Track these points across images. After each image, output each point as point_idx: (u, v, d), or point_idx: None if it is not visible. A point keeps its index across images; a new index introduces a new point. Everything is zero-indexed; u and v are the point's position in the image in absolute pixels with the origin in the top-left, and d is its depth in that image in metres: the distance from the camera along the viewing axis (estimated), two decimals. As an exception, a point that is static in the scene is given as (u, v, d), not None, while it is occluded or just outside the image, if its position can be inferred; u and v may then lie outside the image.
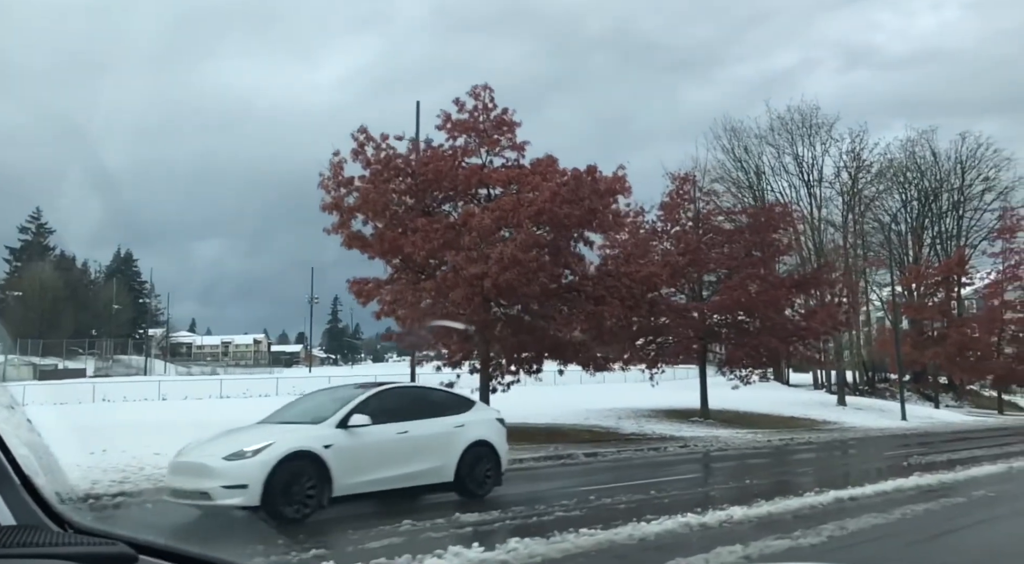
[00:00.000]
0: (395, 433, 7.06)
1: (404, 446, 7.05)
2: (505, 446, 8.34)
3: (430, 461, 7.21)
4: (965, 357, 33.41)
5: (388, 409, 7.27)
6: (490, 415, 8.47)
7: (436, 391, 8.90)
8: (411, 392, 8.60)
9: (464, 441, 7.53)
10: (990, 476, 10.16)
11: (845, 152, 38.94)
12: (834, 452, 15.39)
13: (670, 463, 12.56)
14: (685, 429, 18.98)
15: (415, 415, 7.42)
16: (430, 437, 7.35)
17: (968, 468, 10.81)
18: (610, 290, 15.56)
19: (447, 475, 7.37)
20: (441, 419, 7.63)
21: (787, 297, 20.39)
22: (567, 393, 29.33)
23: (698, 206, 22.34)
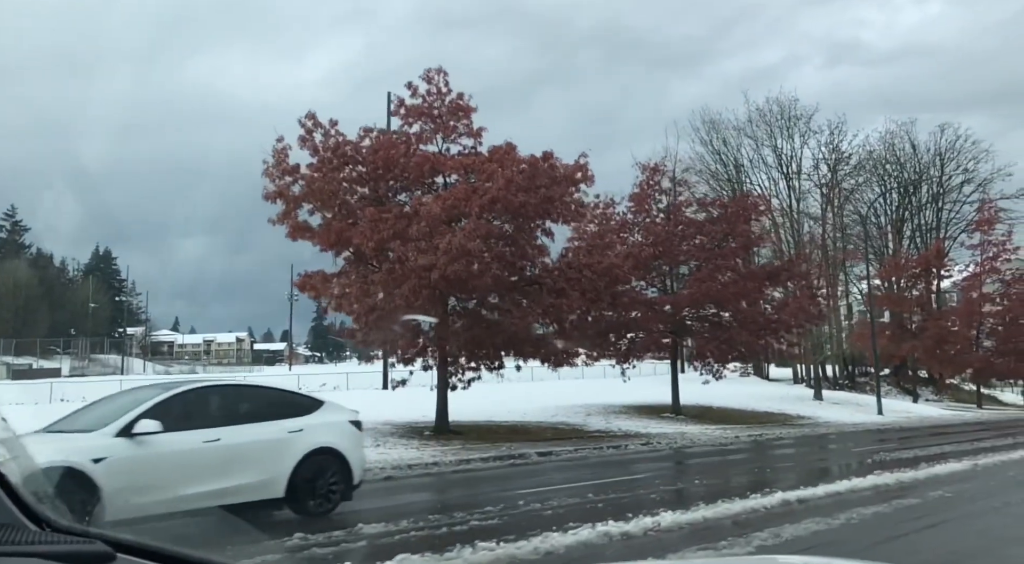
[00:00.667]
0: (201, 442, 5.91)
1: (213, 457, 5.91)
2: (360, 453, 7.30)
3: (251, 474, 6.08)
4: (943, 350, 33.21)
5: (196, 413, 6.24)
6: (341, 417, 7.25)
7: (272, 391, 7.73)
8: (233, 392, 7.24)
9: (301, 449, 6.45)
10: (953, 474, 9.70)
11: (824, 144, 38.65)
12: (800, 449, 14.93)
13: (625, 462, 12.02)
14: (653, 426, 18.47)
15: (234, 420, 6.35)
16: (251, 445, 6.21)
17: (932, 466, 10.36)
18: (571, 283, 14.98)
19: (276, 490, 6.23)
20: (270, 424, 6.49)
21: (758, 289, 19.92)
22: (540, 390, 28.81)
23: (671, 197, 21.81)
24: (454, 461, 11.23)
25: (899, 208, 43.88)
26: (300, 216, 14.12)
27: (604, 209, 22.02)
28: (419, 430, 15.39)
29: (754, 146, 38.48)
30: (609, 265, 14.98)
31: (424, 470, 10.37)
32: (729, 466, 11.67)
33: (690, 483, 9.16)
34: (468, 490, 9.06)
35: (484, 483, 9.58)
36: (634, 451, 13.70)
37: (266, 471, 6.18)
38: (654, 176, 21.67)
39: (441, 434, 14.96)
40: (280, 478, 6.25)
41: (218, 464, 5.90)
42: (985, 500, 7.73)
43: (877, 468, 10.26)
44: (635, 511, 6.47)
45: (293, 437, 6.51)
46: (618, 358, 21.27)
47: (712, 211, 21.23)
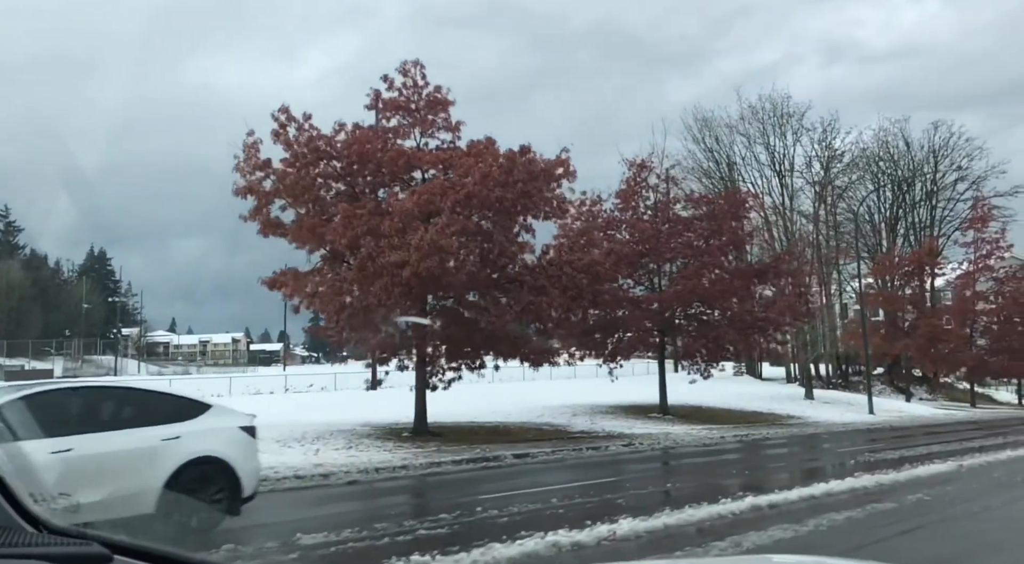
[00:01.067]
0: (48, 453, 5.10)
1: (61, 470, 5.16)
2: (253, 463, 6.57)
3: (110, 488, 5.38)
4: (936, 349, 32.93)
5: (46, 420, 5.48)
6: (230, 423, 6.53)
7: (149, 393, 7.02)
8: (96, 396, 6.45)
9: (177, 459, 5.79)
10: (935, 476, 9.39)
11: (816, 141, 38.39)
12: (785, 450, 14.62)
13: (602, 464, 11.69)
14: (638, 426, 18.15)
15: (94, 426, 5.70)
16: (112, 455, 5.53)
17: (916, 467, 10.06)
18: (552, 280, 14.65)
19: (144, 505, 5.55)
20: (139, 431, 5.81)
21: (746, 287, 19.60)
22: (529, 390, 28.52)
23: (658, 193, 21.49)
24: (425, 464, 10.90)
25: (893, 206, 43.65)
26: (273, 212, 13.76)
27: (591, 206, 21.75)
28: (398, 431, 15.06)
29: (746, 144, 38.26)
30: (590, 262, 14.65)
31: (391, 474, 10.04)
32: (707, 468, 11.35)
33: (662, 487, 8.84)
34: (429, 495, 8.73)
35: (449, 487, 9.25)
36: (614, 453, 13.37)
37: (131, 484, 5.52)
38: (641, 173, 21.35)
39: (419, 436, 14.63)
40: (149, 492, 5.60)
41: (68, 478, 5.15)
42: (965, 504, 7.42)
43: (858, 470, 9.96)
44: (595, 518, 6.15)
45: (167, 445, 5.87)
46: (605, 357, 20.95)
47: (700, 208, 20.90)
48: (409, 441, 13.90)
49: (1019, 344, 34.79)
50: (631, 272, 20.48)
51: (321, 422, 16.79)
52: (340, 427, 15.90)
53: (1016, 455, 11.82)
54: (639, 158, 21.38)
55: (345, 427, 15.97)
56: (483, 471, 10.78)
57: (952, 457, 11.45)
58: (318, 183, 14.05)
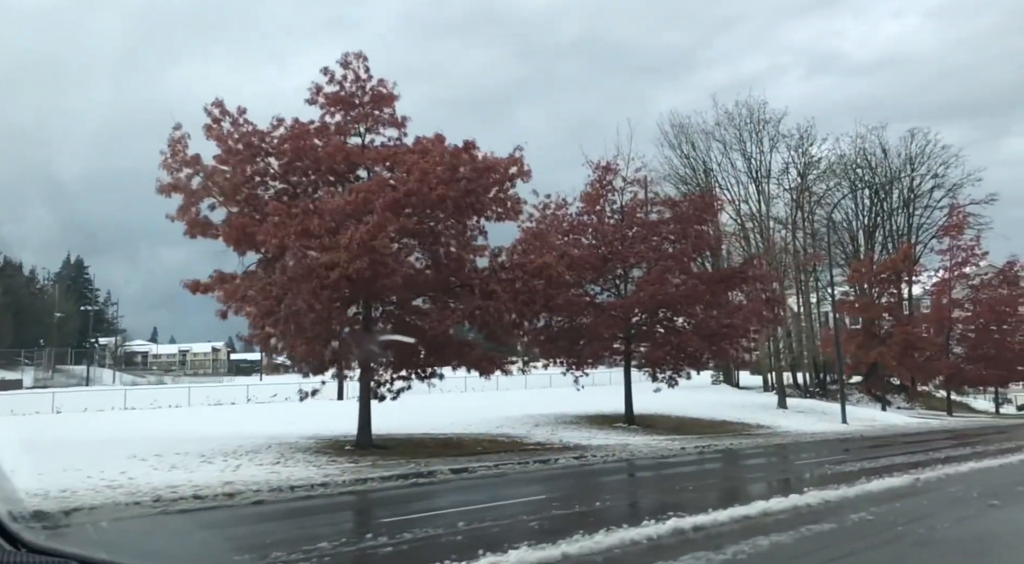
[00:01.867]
0: None
1: None
2: None
3: None
4: (912, 357, 32.58)
5: None
6: None
7: None
8: None
9: None
10: (889, 491, 8.77)
11: (793, 148, 38.19)
12: (741, 462, 13.97)
13: (540, 480, 10.95)
14: (599, 437, 17.44)
15: None
16: None
17: (870, 481, 9.44)
18: (503, 284, 13.96)
19: None
20: None
21: (712, 293, 19.03)
22: (498, 399, 27.79)
23: (624, 196, 20.94)
24: (348, 481, 10.10)
25: (871, 213, 43.54)
26: (203, 212, 12.98)
27: (556, 210, 21.16)
28: (341, 445, 14.26)
29: (722, 150, 37.94)
30: (542, 265, 13.97)
31: (306, 493, 9.23)
32: (651, 483, 10.65)
33: (590, 505, 8.12)
34: (328, 518, 7.94)
35: (357, 509, 8.46)
36: (561, 466, 12.64)
37: None
38: (606, 175, 20.80)
39: (362, 449, 13.84)
40: None
41: None
42: (910, 524, 6.77)
43: (810, 484, 9.32)
44: (492, 546, 5.43)
45: None
46: (569, 366, 20.26)
47: (664, 211, 20.36)
48: (347, 455, 13.10)
49: (995, 352, 34.63)
50: (595, 277, 19.87)
51: (266, 434, 15.96)
52: (283, 440, 15.08)
53: (978, 467, 11.26)
54: (604, 160, 20.81)
55: (288, 440, 15.15)
56: (410, 488, 10.00)
57: (912, 469, 10.87)
58: (254, 181, 13.30)
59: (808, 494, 8.11)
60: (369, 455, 13.13)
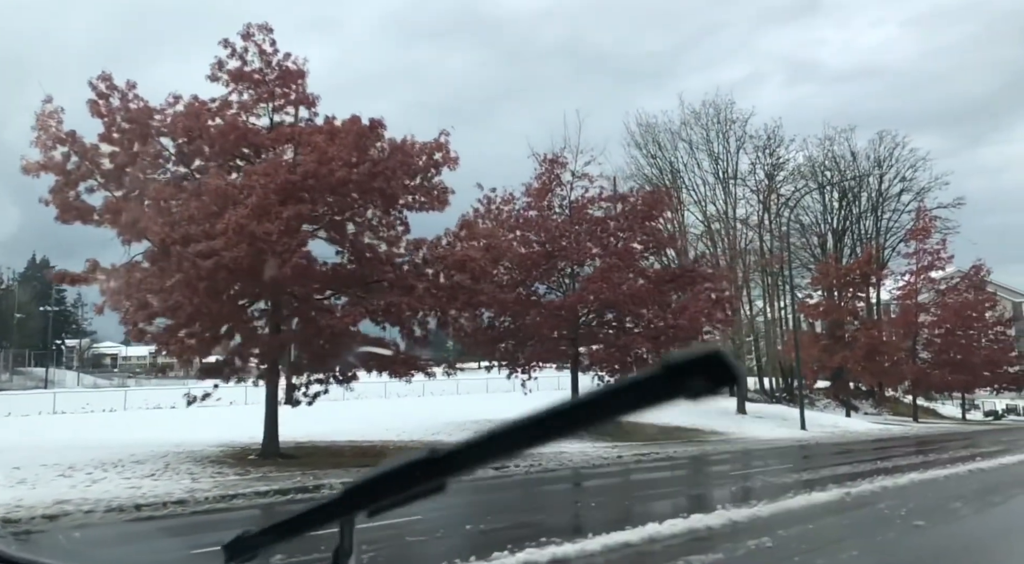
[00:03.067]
0: None
1: None
2: None
3: None
4: (876, 361, 32.00)
5: None
6: None
7: None
8: None
9: None
10: (809, 509, 7.79)
11: (761, 149, 37.65)
12: (670, 472, 12.97)
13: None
14: (538, 444, 16.38)
15: None
16: None
17: (796, 495, 8.47)
18: (422, 279, 12.85)
19: None
20: None
21: (658, 292, 18.09)
22: (449, 404, 26.65)
23: (572, 191, 19.96)
24: (214, 497, 8.90)
25: (839, 216, 43.17)
26: (82, 195, 11.69)
27: (501, 204, 20.13)
28: (247, 453, 13.05)
29: (689, 150, 37.23)
30: (464, 258, 12.87)
31: (151, 513, 8.02)
32: (553, 498, 9.57)
33: (459, 529, 7.02)
34: (133, 546, 6.73)
35: (181, 532, 7.22)
36: (474, 477, 11.51)
37: None
38: (553, 169, 19.80)
39: (266, 458, 12.64)
40: None
41: None
42: (809, 553, 5.77)
43: (726, 500, 8.31)
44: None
45: None
46: (512, 368, 19.19)
47: (613, 207, 19.41)
48: (244, 465, 11.88)
49: (961, 357, 34.24)
50: (540, 275, 18.84)
51: (175, 441, 14.73)
52: (189, 448, 13.84)
53: (920, 479, 10.36)
54: (550, 153, 19.81)
55: (194, 448, 13.91)
56: (283, 505, 8.82)
57: (851, 481, 9.95)
58: (144, 163, 12.05)
59: (715, 514, 7.09)
60: (267, 466, 11.92)
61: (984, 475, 11.38)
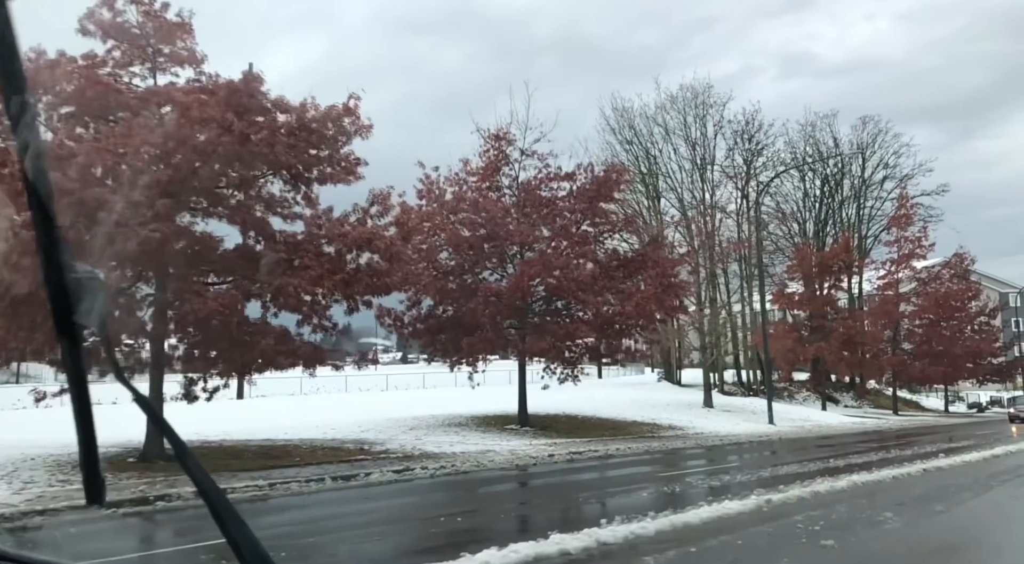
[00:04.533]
0: None
1: None
2: None
3: None
4: (853, 352, 30.80)
5: None
6: None
7: None
8: None
9: None
10: (711, 523, 6.51)
11: (739, 134, 36.29)
12: (599, 473, 11.70)
13: (301, 505, 8.48)
14: (473, 441, 15.09)
15: None
16: None
17: (708, 505, 7.19)
18: (322, 259, 11.48)
19: None
20: None
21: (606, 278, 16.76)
22: (396, 400, 25.35)
23: (519, 170, 18.58)
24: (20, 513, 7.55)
25: (821, 204, 41.88)
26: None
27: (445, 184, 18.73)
28: (122, 458, 11.70)
29: (664, 135, 35.80)
30: (370, 235, 11.49)
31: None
32: (431, 509, 8.23)
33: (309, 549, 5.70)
34: None
35: None
36: (366, 483, 10.19)
37: None
38: (499, 145, 18.40)
39: (147, 462, 11.28)
40: None
41: None
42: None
43: (625, 512, 7.00)
44: None
45: None
46: (452, 361, 17.88)
47: (562, 186, 18.04)
48: (113, 470, 10.54)
49: (943, 348, 33.11)
50: (482, 260, 17.47)
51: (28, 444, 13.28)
52: (48, 452, 12.44)
53: (864, 481, 9.10)
54: (496, 129, 18.40)
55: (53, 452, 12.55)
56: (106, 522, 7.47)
57: (784, 485, 8.69)
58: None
59: (583, 534, 5.78)
60: (137, 470, 10.59)
61: (939, 475, 10.15)
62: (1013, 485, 9.36)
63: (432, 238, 17.78)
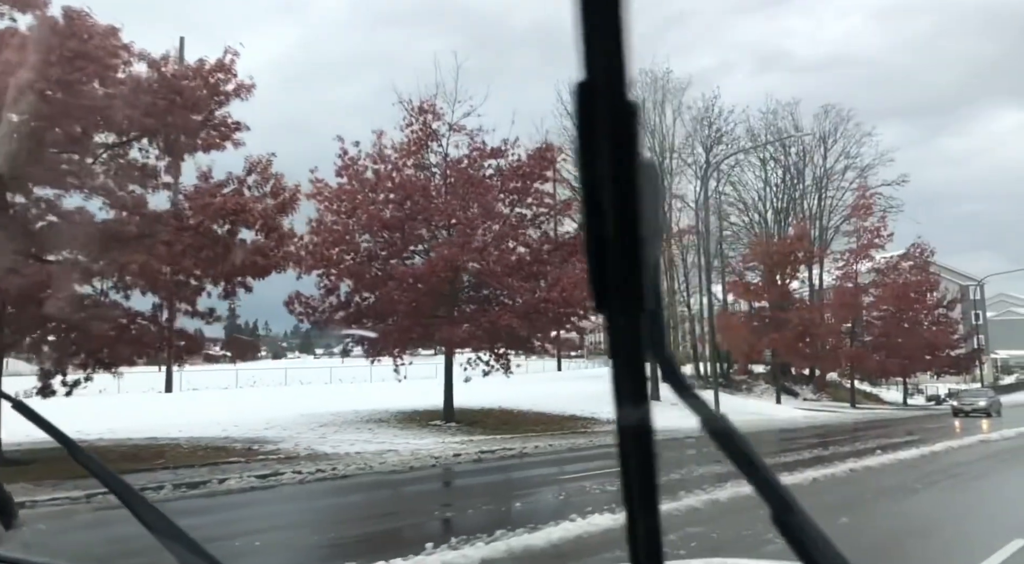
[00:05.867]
0: None
1: None
2: None
3: None
4: (806, 343, 30.14)
5: None
6: None
7: None
8: None
9: None
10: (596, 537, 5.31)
11: (699, 120, 35.39)
12: (488, 477, 10.48)
13: (88, 525, 7.10)
14: (377, 440, 13.78)
15: None
16: None
17: (569, 522, 6.00)
18: (180, 232, 10.03)
19: None
20: None
21: (536, 262, 15.56)
22: (326, 394, 23.96)
23: (447, 146, 17.24)
24: None
25: (782, 194, 41.28)
26: None
27: (368, 161, 17.30)
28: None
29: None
30: (236, 206, 10.06)
31: None
32: (257, 524, 6.90)
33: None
34: None
35: None
36: (215, 492, 8.82)
37: None
38: (423, 118, 17.01)
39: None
40: None
41: None
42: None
43: (480, 528, 5.78)
44: None
45: None
46: (371, 352, 16.55)
47: (492, 164, 16.75)
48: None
49: (901, 340, 32.71)
50: (400, 242, 16.10)
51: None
52: None
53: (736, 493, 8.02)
54: (421, 101, 17.00)
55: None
56: None
57: (685, 492, 7.57)
58: None
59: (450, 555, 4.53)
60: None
61: (864, 477, 9.14)
62: (940, 489, 8.38)
63: (350, 219, 16.38)
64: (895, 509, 7.04)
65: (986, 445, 13.78)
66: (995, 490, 8.59)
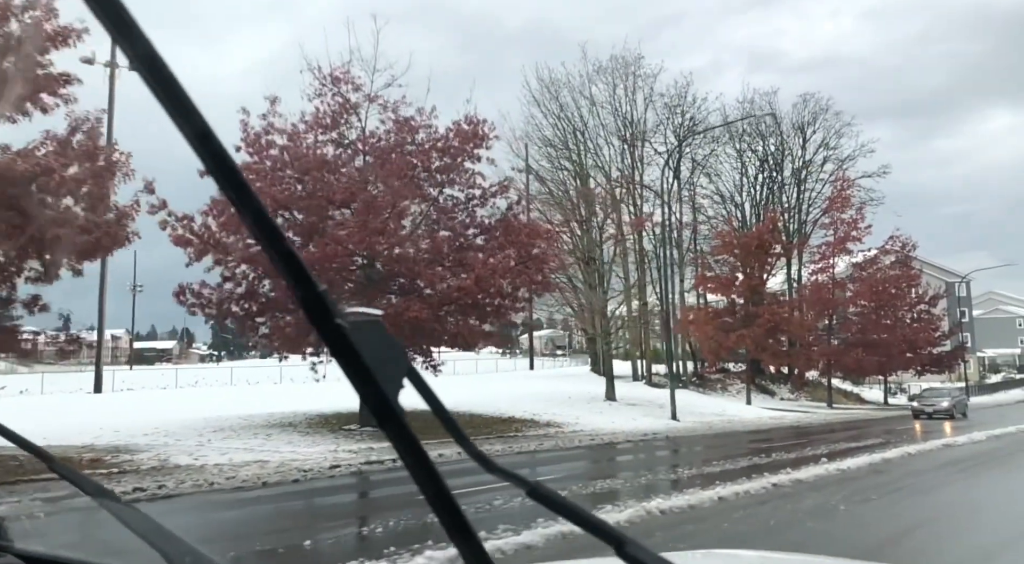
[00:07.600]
0: None
1: None
2: None
3: None
4: (779, 341, 28.59)
5: None
6: None
7: None
8: None
9: None
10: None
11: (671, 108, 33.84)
12: (381, 490, 8.86)
13: None
14: (262, 448, 12.09)
15: None
16: None
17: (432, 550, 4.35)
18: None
19: None
20: None
21: (455, 249, 13.89)
22: (256, 394, 22.35)
23: (365, 119, 15.57)
24: None
25: (760, 186, 39.78)
26: None
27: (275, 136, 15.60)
28: None
29: (589, 107, 33.02)
30: (27, 170, 8.33)
31: None
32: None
33: None
34: None
35: None
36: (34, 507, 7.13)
37: None
38: (337, 86, 15.33)
39: None
40: None
41: None
42: None
43: None
44: None
45: None
46: (274, 348, 14.86)
47: (412, 139, 15.07)
48: None
49: (880, 337, 31.24)
50: (302, 223, 14.40)
51: None
52: None
53: (662, 507, 6.39)
54: (333, 69, 15.31)
55: None
56: None
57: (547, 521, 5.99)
58: None
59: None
60: None
61: (785, 494, 7.51)
62: (869, 508, 6.75)
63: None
64: (782, 542, 5.36)
65: (950, 450, 12.22)
66: (942, 508, 7.00)
